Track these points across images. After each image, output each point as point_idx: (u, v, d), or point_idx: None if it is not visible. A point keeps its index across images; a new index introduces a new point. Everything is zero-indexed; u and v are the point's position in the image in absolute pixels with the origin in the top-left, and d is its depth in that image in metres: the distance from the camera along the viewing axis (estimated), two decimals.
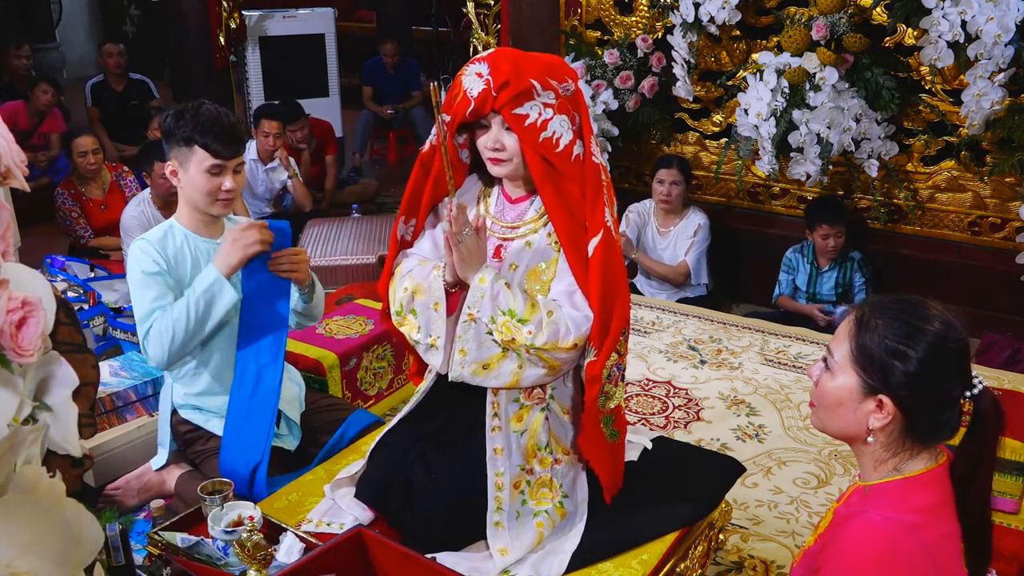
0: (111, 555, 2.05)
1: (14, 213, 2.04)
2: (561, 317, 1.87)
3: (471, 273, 1.88)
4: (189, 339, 2.32)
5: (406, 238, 2.07)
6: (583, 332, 1.88)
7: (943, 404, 1.39)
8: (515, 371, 1.89)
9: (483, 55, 1.91)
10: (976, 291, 4.02)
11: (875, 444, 1.43)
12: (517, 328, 1.85)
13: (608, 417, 1.96)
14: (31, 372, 1.02)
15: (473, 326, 1.87)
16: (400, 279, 2.01)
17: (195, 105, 2.39)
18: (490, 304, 1.86)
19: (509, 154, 1.91)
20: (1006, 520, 2.44)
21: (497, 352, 1.88)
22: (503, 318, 1.85)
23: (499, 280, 1.88)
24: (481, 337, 1.87)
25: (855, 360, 1.41)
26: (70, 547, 0.95)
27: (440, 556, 1.90)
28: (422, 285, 1.96)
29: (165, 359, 2.33)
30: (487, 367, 1.89)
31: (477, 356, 1.88)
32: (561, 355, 1.88)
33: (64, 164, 5.57)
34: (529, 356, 1.87)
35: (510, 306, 1.86)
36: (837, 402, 1.44)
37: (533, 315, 1.85)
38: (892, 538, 1.34)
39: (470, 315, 1.87)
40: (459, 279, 1.91)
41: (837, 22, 3.75)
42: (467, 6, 4.77)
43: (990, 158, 3.87)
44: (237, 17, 6.26)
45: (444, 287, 1.93)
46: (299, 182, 5.29)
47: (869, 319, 1.41)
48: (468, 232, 1.87)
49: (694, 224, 4.31)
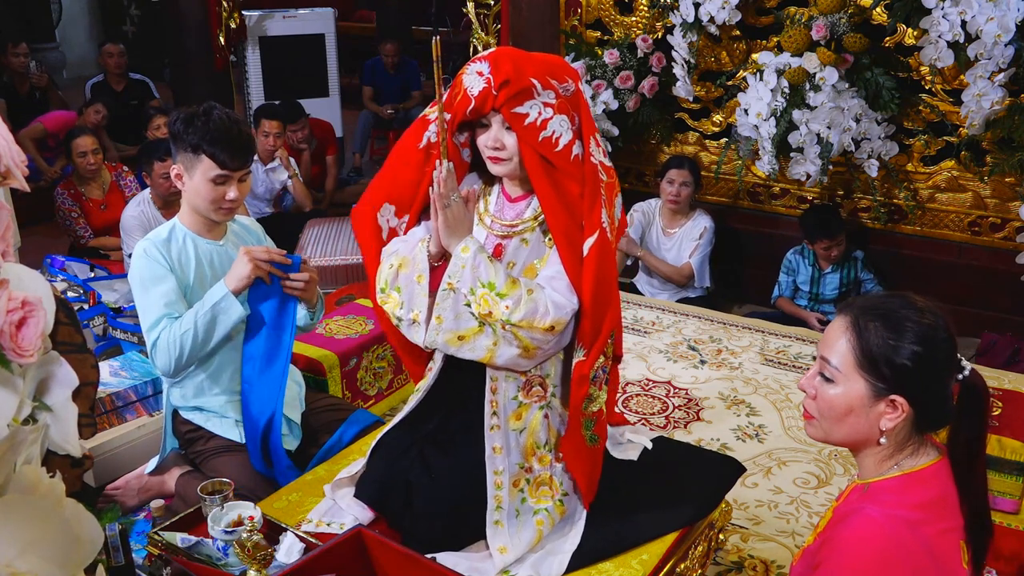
0: (111, 555, 2.05)
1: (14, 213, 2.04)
2: (541, 297, 1.86)
3: (455, 241, 1.87)
4: (196, 352, 2.34)
5: (399, 232, 2.05)
6: (561, 317, 1.86)
7: (945, 392, 1.40)
8: (489, 347, 1.87)
9: (484, 54, 1.92)
10: (976, 291, 4.02)
11: (886, 444, 1.43)
12: (495, 301, 1.83)
13: (589, 420, 1.96)
14: (31, 372, 1.01)
15: (452, 295, 1.86)
16: (387, 257, 2.01)
17: (206, 111, 2.35)
18: (470, 275, 1.84)
19: (509, 153, 1.91)
20: (1006, 520, 2.45)
21: (474, 325, 1.86)
22: (482, 290, 1.84)
23: (482, 252, 1.87)
24: (459, 308, 1.86)
25: (860, 365, 1.40)
26: (70, 547, 0.95)
27: (440, 556, 1.90)
28: (407, 258, 1.96)
29: (172, 369, 2.37)
30: (462, 338, 1.88)
31: (453, 326, 1.87)
32: (537, 335, 1.85)
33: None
34: (504, 332, 1.85)
35: (490, 279, 1.84)
36: (847, 410, 1.42)
37: (512, 291, 1.84)
38: (891, 535, 1.34)
39: (449, 284, 1.86)
40: (444, 251, 1.90)
41: (837, 22, 3.75)
42: (467, 6, 4.76)
43: (990, 158, 3.87)
44: (237, 17, 6.26)
45: (428, 260, 1.93)
46: (299, 182, 5.29)
47: (864, 322, 1.41)
48: (456, 198, 1.87)
49: (700, 227, 4.30)
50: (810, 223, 4.07)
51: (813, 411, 1.48)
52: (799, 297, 4.20)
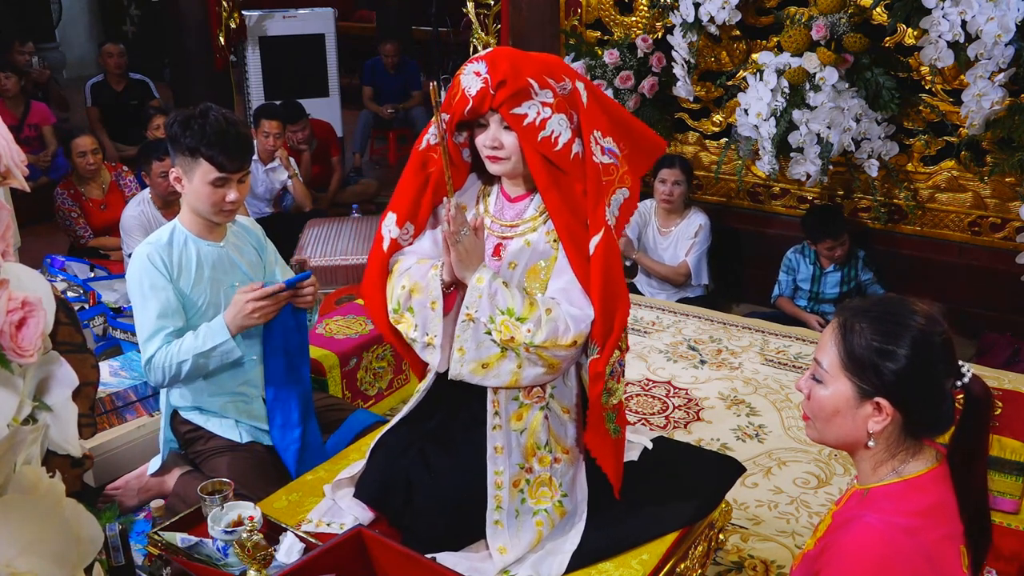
0: (111, 555, 2.05)
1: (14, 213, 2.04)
2: (560, 314, 1.87)
3: (469, 273, 1.88)
4: (191, 377, 2.40)
5: (401, 242, 2.05)
6: (582, 329, 1.87)
7: (938, 397, 1.39)
8: (514, 370, 1.89)
9: (481, 54, 1.92)
10: (976, 291, 4.02)
11: (876, 447, 1.43)
12: (516, 327, 1.85)
13: (611, 413, 1.97)
14: (31, 372, 1.02)
15: (471, 326, 1.87)
16: (398, 277, 2.01)
17: (202, 112, 2.33)
18: (488, 304, 1.86)
19: (507, 152, 1.91)
20: (1006, 520, 2.45)
21: (496, 352, 1.88)
22: (501, 317, 1.85)
23: (496, 279, 1.88)
24: (480, 337, 1.87)
25: (845, 366, 1.40)
26: (70, 547, 0.95)
27: (440, 556, 1.91)
28: (420, 284, 1.96)
29: (165, 385, 2.44)
30: (486, 366, 1.89)
31: (476, 356, 1.88)
32: (560, 352, 1.88)
33: (62, 163, 5.57)
34: (528, 355, 1.87)
35: (508, 305, 1.86)
36: (834, 411, 1.43)
37: (531, 313, 1.85)
38: (890, 542, 1.34)
39: (468, 315, 1.87)
40: (457, 279, 1.91)
41: (837, 22, 3.75)
42: (467, 6, 4.76)
43: (990, 158, 3.87)
44: (237, 17, 6.26)
45: (441, 287, 1.93)
46: (299, 182, 5.29)
47: (852, 324, 1.41)
48: (466, 232, 1.87)
49: (695, 225, 4.31)
50: (812, 224, 4.07)
51: (808, 412, 1.50)
52: (799, 296, 4.20)
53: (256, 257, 2.60)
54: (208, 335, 2.34)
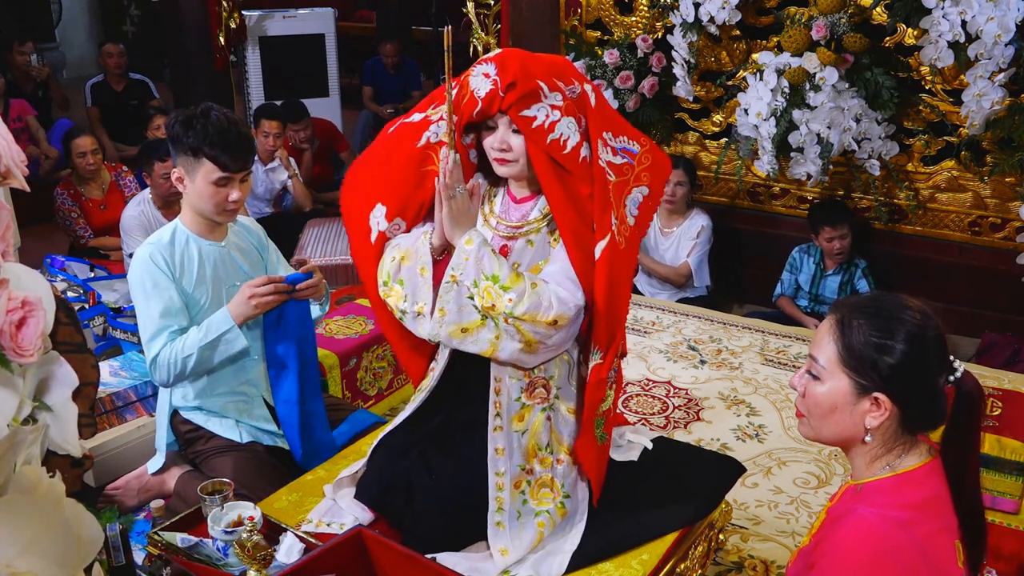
0: (111, 555, 2.05)
1: (14, 213, 2.04)
2: (545, 291, 1.85)
3: (459, 233, 1.86)
4: (196, 372, 2.39)
5: (389, 235, 2.04)
6: (565, 312, 1.84)
7: (933, 392, 1.40)
8: (492, 340, 1.86)
9: (491, 55, 1.91)
10: (976, 291, 4.02)
11: (873, 443, 1.43)
12: (498, 294, 1.82)
13: (600, 420, 1.97)
14: (31, 372, 1.02)
15: (455, 288, 1.85)
16: (389, 250, 2.01)
17: (204, 112, 2.34)
18: (474, 267, 1.83)
19: (515, 155, 1.91)
20: (1006, 520, 2.45)
21: (476, 318, 1.85)
22: (485, 283, 1.83)
23: (486, 245, 1.86)
24: (462, 301, 1.85)
25: (843, 362, 1.41)
26: (70, 547, 0.95)
27: (440, 556, 1.90)
28: (409, 251, 1.95)
29: (170, 383, 2.43)
30: (465, 331, 1.87)
31: (456, 319, 1.86)
32: (540, 329, 1.84)
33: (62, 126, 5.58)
34: (507, 326, 1.83)
35: (494, 272, 1.83)
36: (831, 407, 1.43)
37: (516, 284, 1.83)
38: (885, 535, 1.34)
39: (453, 276, 1.85)
40: (447, 244, 1.90)
41: (837, 22, 3.75)
42: (467, 6, 4.76)
43: (990, 158, 3.87)
44: (237, 17, 6.25)
45: (431, 252, 1.92)
46: (299, 182, 5.29)
47: (849, 320, 1.41)
48: (461, 189, 1.86)
49: (697, 226, 4.30)
50: (815, 211, 4.10)
51: (803, 409, 1.50)
52: (800, 296, 4.20)
53: (258, 257, 2.60)
54: (211, 326, 2.35)
